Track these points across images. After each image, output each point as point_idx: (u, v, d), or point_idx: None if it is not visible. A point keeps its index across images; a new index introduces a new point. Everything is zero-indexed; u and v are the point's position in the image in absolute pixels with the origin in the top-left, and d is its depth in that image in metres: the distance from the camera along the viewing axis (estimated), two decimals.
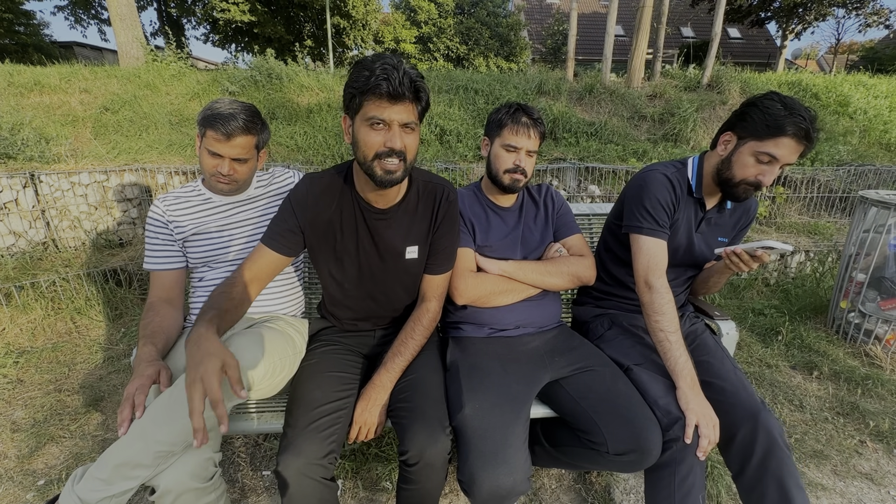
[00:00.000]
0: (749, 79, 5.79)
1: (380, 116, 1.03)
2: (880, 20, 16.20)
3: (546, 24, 19.19)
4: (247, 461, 1.73)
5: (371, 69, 1.01)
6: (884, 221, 2.36)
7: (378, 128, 1.05)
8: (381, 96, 1.01)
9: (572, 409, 1.23)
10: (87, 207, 3.28)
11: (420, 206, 1.27)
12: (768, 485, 1.15)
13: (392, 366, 1.24)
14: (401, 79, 1.00)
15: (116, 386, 2.13)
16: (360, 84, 1.01)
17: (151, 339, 1.20)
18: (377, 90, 1.00)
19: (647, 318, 1.30)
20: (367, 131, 1.06)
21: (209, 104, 1.30)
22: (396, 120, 1.05)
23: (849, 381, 2.24)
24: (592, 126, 4.70)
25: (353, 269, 1.29)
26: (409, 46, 16.90)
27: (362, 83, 1.01)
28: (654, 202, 1.34)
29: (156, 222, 1.36)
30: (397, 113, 1.04)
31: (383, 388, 1.22)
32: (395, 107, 1.03)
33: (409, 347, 1.27)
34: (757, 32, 20.87)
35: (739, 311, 3.04)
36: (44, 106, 4.07)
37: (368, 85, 1.00)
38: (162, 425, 0.97)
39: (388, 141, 1.05)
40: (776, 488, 1.14)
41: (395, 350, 1.27)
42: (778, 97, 1.20)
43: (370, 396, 1.20)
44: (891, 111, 5.59)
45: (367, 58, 1.06)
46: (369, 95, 1.02)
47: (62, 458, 1.70)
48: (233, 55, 15.02)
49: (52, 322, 2.61)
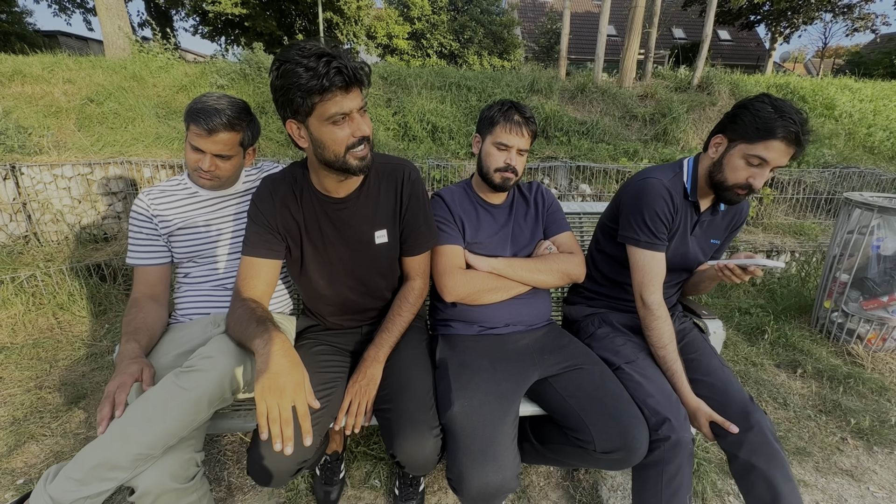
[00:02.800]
0: (738, 81, 5.86)
1: (341, 111, 1.01)
2: (867, 25, 16.52)
3: (539, 23, 19.21)
4: (233, 459, 1.71)
5: (313, 68, 0.95)
6: (867, 223, 2.40)
7: (341, 122, 1.03)
8: (335, 92, 0.98)
9: (561, 406, 1.24)
10: (71, 201, 3.21)
11: (382, 188, 1.26)
12: (758, 477, 1.17)
13: (382, 342, 1.26)
14: (351, 68, 0.98)
15: (99, 383, 2.09)
16: (311, 86, 0.96)
17: (135, 336, 1.18)
18: (332, 87, 0.97)
19: (643, 329, 1.38)
20: (332, 129, 1.03)
21: (197, 97, 1.27)
22: (354, 108, 1.03)
23: (831, 379, 2.28)
24: (584, 125, 4.72)
25: (324, 265, 1.28)
26: (401, 42, 16.78)
27: (314, 85, 0.96)
28: (652, 215, 1.33)
29: (140, 216, 1.33)
30: (352, 100, 1.02)
31: (377, 360, 1.23)
32: (350, 95, 1.01)
33: (397, 324, 1.29)
34: (747, 35, 21.12)
35: (726, 310, 3.08)
36: (25, 96, 3.96)
37: (322, 85, 0.96)
38: (142, 426, 0.94)
39: (354, 131, 1.05)
40: (764, 481, 1.16)
41: (384, 327, 1.28)
42: (769, 99, 1.21)
43: (364, 371, 1.21)
44: (875, 115, 5.70)
45: (294, 54, 0.97)
46: (325, 94, 0.98)
47: (42, 456, 1.67)
48: (222, 48, 14.81)
49: (33, 318, 2.55)
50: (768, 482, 1.15)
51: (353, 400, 1.17)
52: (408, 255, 1.32)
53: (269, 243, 1.21)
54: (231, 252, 1.39)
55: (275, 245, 1.22)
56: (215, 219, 1.38)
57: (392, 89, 4.83)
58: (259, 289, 1.19)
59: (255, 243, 1.20)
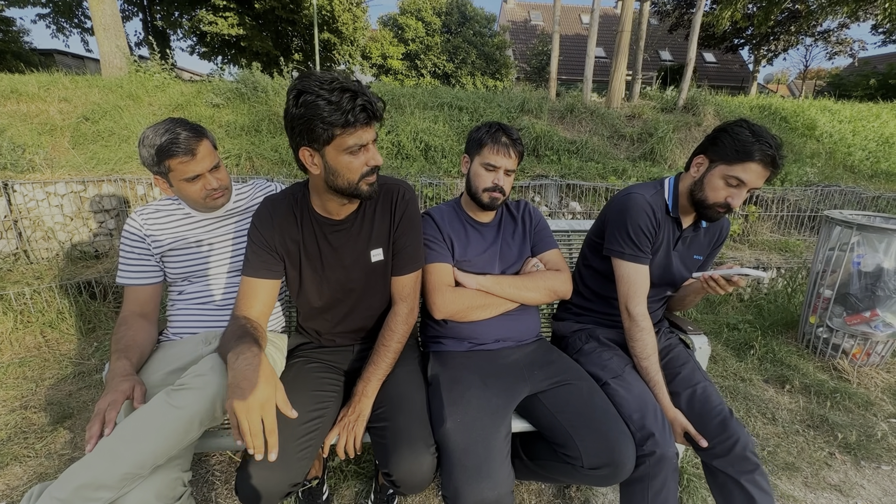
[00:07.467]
0: (722, 102, 6.04)
1: (359, 143, 1.06)
2: (844, 49, 17.20)
3: (531, 45, 19.72)
4: (222, 479, 1.68)
5: (336, 102, 0.98)
6: (847, 240, 2.47)
7: (357, 152, 1.08)
8: (358, 126, 1.03)
9: (549, 422, 1.25)
10: (63, 218, 3.21)
11: (378, 208, 1.29)
12: (734, 488, 1.22)
13: (370, 375, 1.25)
14: (374, 103, 1.03)
15: (86, 402, 2.06)
16: (335, 119, 0.99)
17: (125, 353, 1.18)
18: (358, 122, 1.01)
19: (627, 340, 1.42)
20: (349, 159, 1.08)
21: (148, 143, 1.23)
22: (370, 140, 1.08)
23: (818, 394, 2.31)
24: (574, 144, 4.82)
25: (321, 284, 1.29)
26: (396, 63, 17.12)
27: (337, 118, 0.99)
28: (636, 228, 1.39)
29: (132, 236, 1.34)
30: (370, 133, 1.08)
31: (365, 395, 1.22)
32: (369, 128, 1.07)
33: (385, 357, 1.27)
34: (731, 57, 21.83)
35: (715, 325, 3.12)
36: (20, 114, 3.99)
37: (347, 120, 1.00)
38: (131, 445, 0.93)
39: (369, 160, 1.10)
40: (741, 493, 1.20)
41: (372, 360, 1.28)
42: (747, 125, 1.28)
43: (354, 406, 1.21)
44: (854, 135, 5.88)
45: (313, 85, 0.99)
46: (348, 128, 1.02)
47: (26, 478, 1.64)
48: (219, 67, 14.98)
49: (20, 336, 2.52)
50: (745, 494, 1.19)
51: (340, 434, 1.18)
52: (395, 275, 1.33)
53: (267, 264, 1.23)
54: (228, 271, 1.39)
55: (273, 265, 1.24)
56: (210, 238, 1.39)
57: (386, 109, 4.92)
58: (256, 308, 1.20)
59: (255, 264, 1.22)
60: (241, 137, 4.22)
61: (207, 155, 1.28)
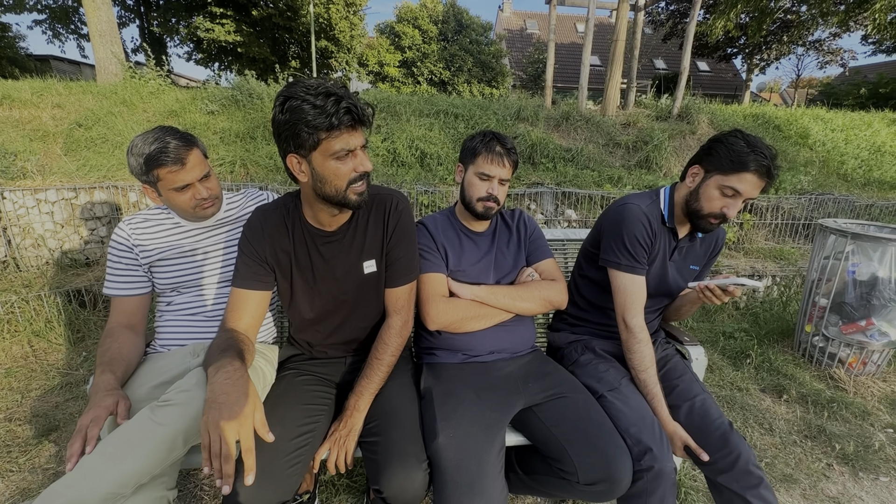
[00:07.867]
0: (716, 110, 6.09)
1: (346, 148, 1.04)
2: (835, 59, 17.48)
3: (527, 53, 19.87)
4: (210, 494, 1.64)
5: (321, 106, 0.98)
6: (842, 249, 2.47)
7: (345, 158, 1.06)
8: (342, 130, 1.01)
9: (544, 436, 1.22)
10: (53, 225, 3.17)
11: (371, 219, 1.27)
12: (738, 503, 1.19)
13: (363, 389, 1.22)
14: (360, 108, 1.02)
15: (73, 414, 2.02)
16: (319, 122, 0.98)
17: (110, 367, 1.15)
18: (342, 124, 1.00)
19: (624, 352, 1.40)
20: (336, 165, 1.06)
21: (137, 152, 1.20)
22: (357, 145, 1.06)
23: (815, 404, 2.30)
24: (569, 152, 4.84)
25: (313, 296, 1.27)
26: (392, 70, 17.19)
27: (321, 122, 0.98)
28: (632, 239, 1.38)
29: (120, 246, 1.31)
30: (357, 138, 1.06)
31: (357, 410, 1.20)
32: (355, 133, 1.05)
33: (378, 370, 1.25)
34: (725, 66, 22.09)
35: (711, 334, 3.11)
36: (13, 120, 3.96)
37: (331, 123, 0.99)
38: (113, 463, 0.90)
39: (357, 167, 1.08)
40: None
41: (364, 373, 1.25)
42: (742, 135, 1.27)
43: (345, 421, 1.18)
44: (847, 144, 5.94)
45: (299, 91, 0.99)
46: (333, 132, 1.01)
47: (8, 493, 1.59)
48: (216, 73, 14.98)
49: (6, 346, 2.47)
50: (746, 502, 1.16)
51: (331, 449, 1.15)
52: (388, 287, 1.31)
53: (257, 275, 1.21)
54: (218, 282, 1.37)
55: (263, 276, 1.22)
56: (200, 248, 1.36)
57: (381, 116, 4.92)
58: (244, 321, 1.18)
59: (245, 275, 1.20)
60: (235, 144, 4.20)
61: (197, 164, 1.26)
